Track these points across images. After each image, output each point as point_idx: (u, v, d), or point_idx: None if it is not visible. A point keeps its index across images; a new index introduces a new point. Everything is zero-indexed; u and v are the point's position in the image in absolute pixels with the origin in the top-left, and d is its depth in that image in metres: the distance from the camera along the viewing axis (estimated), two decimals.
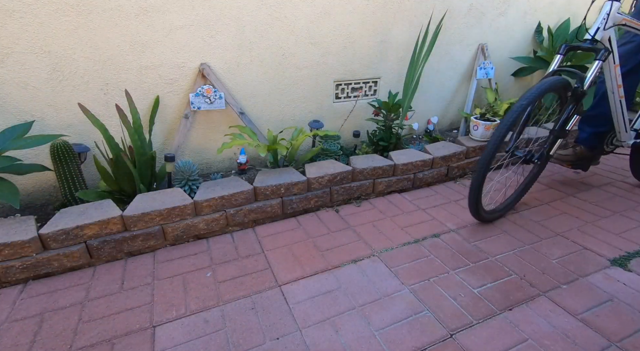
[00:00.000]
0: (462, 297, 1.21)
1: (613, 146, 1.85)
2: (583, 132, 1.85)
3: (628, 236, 1.54)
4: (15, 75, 1.42)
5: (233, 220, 1.56)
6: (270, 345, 1.03)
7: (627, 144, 1.78)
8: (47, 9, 1.39)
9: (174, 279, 1.29)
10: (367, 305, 1.17)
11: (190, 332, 1.08)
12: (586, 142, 1.85)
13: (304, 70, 1.94)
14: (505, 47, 2.57)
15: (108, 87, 1.58)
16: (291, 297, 1.21)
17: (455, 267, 1.35)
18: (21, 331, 1.08)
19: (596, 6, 2.52)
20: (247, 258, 1.41)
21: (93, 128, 1.59)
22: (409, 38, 2.16)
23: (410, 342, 1.04)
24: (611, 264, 1.37)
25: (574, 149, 1.87)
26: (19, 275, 1.25)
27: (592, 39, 1.37)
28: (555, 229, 1.60)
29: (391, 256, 1.41)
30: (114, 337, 1.06)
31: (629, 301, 1.19)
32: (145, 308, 1.16)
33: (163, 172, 1.66)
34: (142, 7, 1.52)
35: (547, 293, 1.23)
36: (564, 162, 1.88)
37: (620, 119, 1.66)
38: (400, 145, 2.12)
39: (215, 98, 1.72)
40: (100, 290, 1.24)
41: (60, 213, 1.35)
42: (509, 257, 1.41)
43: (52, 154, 1.42)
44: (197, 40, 1.66)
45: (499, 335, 1.07)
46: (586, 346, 1.03)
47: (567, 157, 1.88)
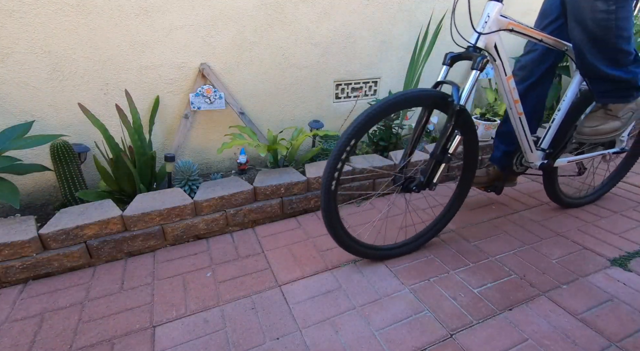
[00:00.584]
0: (462, 297, 1.21)
1: (523, 166, 1.61)
2: (496, 151, 1.63)
3: (628, 236, 1.54)
4: (15, 75, 1.42)
5: (233, 220, 1.56)
6: (270, 345, 1.03)
7: (535, 165, 1.53)
8: (47, 9, 1.39)
9: (174, 279, 1.29)
10: (367, 305, 1.17)
11: (190, 332, 1.08)
12: (498, 162, 1.63)
13: (304, 70, 1.94)
14: (505, 47, 2.57)
15: (108, 87, 1.58)
16: (291, 297, 1.21)
17: (455, 267, 1.35)
18: (21, 331, 1.08)
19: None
20: (247, 258, 1.41)
21: (93, 128, 1.59)
22: (409, 38, 2.16)
23: (410, 342, 1.04)
24: (611, 264, 1.37)
25: (487, 170, 1.67)
26: (19, 275, 1.25)
27: (474, 46, 1.17)
28: (555, 229, 1.60)
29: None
30: (114, 337, 1.06)
31: (629, 301, 1.19)
32: (145, 308, 1.16)
33: (163, 173, 1.66)
34: (142, 7, 1.52)
35: (547, 293, 1.23)
36: (475, 184, 1.66)
37: (522, 138, 1.42)
38: (400, 145, 2.12)
39: (215, 98, 1.72)
40: (100, 290, 1.24)
41: (60, 213, 1.35)
42: (509, 257, 1.41)
43: (52, 154, 1.42)
44: (197, 40, 1.66)
45: (499, 335, 1.07)
46: (586, 346, 1.03)
47: (479, 179, 1.66)
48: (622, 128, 1.34)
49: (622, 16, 1.09)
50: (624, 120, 1.33)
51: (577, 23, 1.17)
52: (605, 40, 1.15)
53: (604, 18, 1.10)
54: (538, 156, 1.53)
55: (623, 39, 1.15)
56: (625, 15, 1.10)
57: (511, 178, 1.70)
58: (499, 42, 1.20)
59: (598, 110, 1.35)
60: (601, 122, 1.33)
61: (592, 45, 1.18)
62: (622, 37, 1.14)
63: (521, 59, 1.50)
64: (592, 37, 1.16)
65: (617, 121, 1.33)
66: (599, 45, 1.17)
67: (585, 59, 1.23)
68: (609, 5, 1.08)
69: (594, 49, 1.19)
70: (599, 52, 1.19)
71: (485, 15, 1.15)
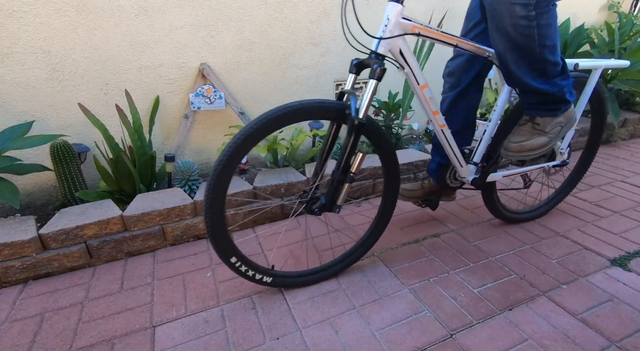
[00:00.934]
0: (462, 297, 1.21)
1: (457, 181, 1.46)
2: (432, 162, 1.50)
3: (628, 236, 1.54)
4: (15, 75, 1.42)
5: (233, 220, 1.56)
6: (270, 345, 1.03)
7: (467, 180, 1.40)
8: (47, 9, 1.39)
9: (174, 279, 1.29)
10: (367, 305, 1.17)
11: (190, 332, 1.08)
12: (433, 174, 1.49)
13: (304, 70, 1.94)
14: None
15: (108, 87, 1.58)
16: (291, 297, 1.21)
17: (455, 267, 1.35)
18: (21, 331, 1.08)
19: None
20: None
21: (93, 128, 1.59)
22: (409, 38, 2.15)
23: (410, 342, 1.04)
24: (611, 264, 1.37)
25: (422, 183, 1.53)
26: (19, 275, 1.25)
27: (374, 53, 1.03)
28: (555, 229, 1.60)
29: (391, 256, 1.41)
30: (114, 337, 1.06)
31: (629, 301, 1.19)
32: (145, 308, 1.16)
33: (163, 173, 1.66)
34: (142, 7, 1.52)
35: (547, 293, 1.23)
36: (408, 198, 1.52)
37: (449, 151, 1.30)
38: (400, 145, 2.12)
39: (215, 98, 1.72)
40: (100, 290, 1.24)
41: (60, 213, 1.35)
42: (509, 257, 1.41)
43: (52, 154, 1.42)
44: (197, 40, 1.66)
45: (499, 335, 1.07)
46: (586, 346, 1.03)
47: (413, 193, 1.51)
48: (550, 144, 1.22)
49: (543, 23, 0.99)
50: (551, 135, 1.22)
51: (496, 29, 1.06)
52: (528, 49, 1.04)
53: (525, 25, 0.99)
54: (470, 170, 1.40)
55: (547, 49, 1.04)
56: (547, 22, 1.00)
57: (448, 192, 1.55)
58: (405, 47, 1.08)
59: (526, 123, 1.24)
60: (527, 137, 1.21)
61: (515, 54, 1.07)
62: (546, 46, 1.03)
63: (449, 65, 1.37)
64: (514, 45, 1.05)
65: (544, 137, 1.21)
66: (522, 54, 1.06)
67: (509, 68, 1.12)
68: (529, 10, 0.97)
69: (516, 58, 1.08)
70: (523, 62, 1.08)
71: (384, 18, 1.02)
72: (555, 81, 1.12)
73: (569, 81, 1.16)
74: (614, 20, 2.97)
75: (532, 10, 0.97)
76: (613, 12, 2.94)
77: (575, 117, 1.26)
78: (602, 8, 2.92)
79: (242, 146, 0.98)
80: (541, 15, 0.98)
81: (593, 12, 2.90)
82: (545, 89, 1.12)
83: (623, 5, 3.00)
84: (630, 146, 2.65)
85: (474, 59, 1.29)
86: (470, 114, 1.40)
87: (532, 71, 1.10)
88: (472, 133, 1.45)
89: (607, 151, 2.55)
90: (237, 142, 0.97)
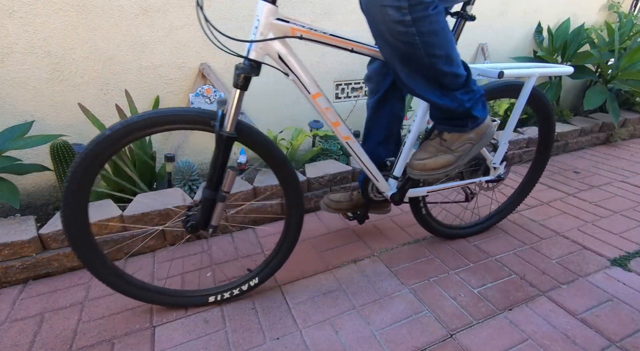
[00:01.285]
0: (462, 297, 1.21)
1: (380, 195, 1.33)
2: (361, 173, 1.33)
3: (628, 236, 1.54)
4: (15, 75, 1.42)
5: (233, 220, 1.56)
6: (270, 345, 1.03)
7: (387, 195, 1.28)
8: (47, 9, 1.39)
9: (174, 279, 1.29)
10: (367, 305, 1.17)
11: (190, 332, 1.08)
12: (360, 186, 1.36)
13: None
14: (505, 47, 2.57)
15: (108, 87, 1.58)
16: (291, 297, 1.21)
17: (455, 267, 1.35)
18: (21, 331, 1.08)
19: None
20: (247, 258, 1.41)
21: (93, 128, 1.59)
22: None
23: (410, 342, 1.04)
24: (611, 264, 1.37)
25: (351, 194, 1.42)
26: (19, 275, 1.25)
27: (246, 58, 0.91)
28: (555, 229, 1.60)
29: (391, 256, 1.41)
30: (114, 337, 1.06)
31: (629, 301, 1.19)
32: (145, 308, 1.16)
33: (163, 173, 1.66)
34: (142, 7, 1.52)
35: (547, 293, 1.23)
36: (335, 210, 1.41)
37: (361, 165, 1.18)
38: None
39: (215, 98, 1.72)
40: (100, 290, 1.24)
41: None
42: (509, 257, 1.41)
43: (52, 154, 1.42)
44: (197, 40, 1.66)
45: (499, 334, 1.07)
46: (586, 346, 1.03)
47: (340, 205, 1.40)
48: (456, 163, 1.10)
49: (425, 30, 0.85)
50: (458, 153, 1.09)
51: (377, 35, 0.92)
52: (415, 58, 0.91)
53: (402, 31, 0.85)
54: (390, 184, 1.27)
55: (438, 59, 0.91)
56: (430, 29, 0.86)
57: (379, 205, 1.41)
58: (286, 52, 0.94)
59: (435, 138, 1.12)
60: (432, 154, 1.09)
61: (403, 64, 0.94)
62: (436, 56, 0.90)
63: (368, 68, 1.26)
64: (399, 54, 0.92)
65: (450, 155, 1.08)
66: (411, 64, 0.93)
67: (401, 80, 0.99)
68: (403, 14, 0.83)
69: (405, 68, 0.95)
70: (414, 73, 0.95)
71: (255, 19, 0.90)
72: (455, 95, 0.99)
73: (475, 94, 1.02)
74: (614, 20, 2.97)
75: (407, 14, 0.83)
76: (613, 12, 2.94)
77: (490, 133, 1.11)
78: (602, 8, 2.92)
79: (95, 154, 0.87)
80: (420, 21, 0.84)
81: (593, 12, 2.90)
82: (443, 104, 1.00)
83: (623, 5, 2.99)
84: (630, 146, 2.66)
85: None
86: (393, 124, 1.28)
87: (426, 83, 0.97)
88: (397, 144, 1.32)
89: (607, 151, 2.55)
90: (86, 152, 0.86)
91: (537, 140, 1.54)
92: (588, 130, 2.56)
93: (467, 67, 1.00)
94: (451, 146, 1.09)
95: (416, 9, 0.83)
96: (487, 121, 1.10)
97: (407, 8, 0.82)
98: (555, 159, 2.40)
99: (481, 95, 1.05)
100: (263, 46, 0.91)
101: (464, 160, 1.11)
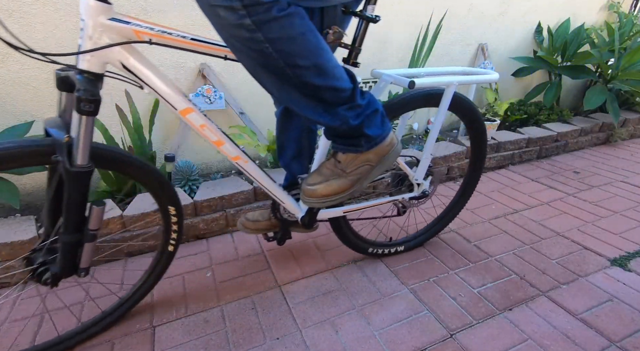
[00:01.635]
0: (462, 297, 1.21)
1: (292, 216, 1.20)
2: None
3: (628, 236, 1.54)
4: (15, 75, 1.42)
5: (233, 220, 1.56)
6: (270, 345, 1.03)
7: (297, 217, 1.17)
8: (47, 8, 1.39)
9: (174, 280, 1.29)
10: (367, 305, 1.17)
11: (190, 332, 1.08)
12: (271, 206, 1.24)
13: None
14: (505, 47, 2.57)
15: (108, 87, 1.58)
16: (291, 297, 1.21)
17: (455, 267, 1.35)
18: (21, 331, 1.08)
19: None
20: (247, 257, 1.41)
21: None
22: (409, 38, 2.16)
23: (411, 342, 1.04)
24: (611, 264, 1.37)
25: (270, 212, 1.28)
26: (19, 275, 1.25)
27: (78, 70, 0.72)
28: (555, 229, 1.60)
29: (391, 256, 1.41)
30: (114, 337, 1.06)
31: (629, 301, 1.19)
32: (145, 308, 1.16)
33: (163, 173, 1.66)
34: (142, 7, 1.52)
35: (547, 293, 1.23)
36: (254, 230, 1.27)
37: (263, 188, 1.06)
38: None
39: (215, 98, 1.72)
40: (100, 290, 1.24)
41: None
42: (509, 257, 1.41)
43: None
44: None
45: (499, 334, 1.07)
46: (586, 346, 1.03)
47: (257, 224, 1.26)
48: (352, 189, 0.96)
49: (275, 36, 0.69)
50: (353, 177, 0.95)
51: (226, 43, 0.76)
52: (275, 69, 0.74)
53: (248, 38, 0.69)
54: (301, 208, 1.15)
55: (305, 70, 0.74)
56: (282, 35, 0.69)
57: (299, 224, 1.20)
58: (134, 59, 0.76)
59: (330, 158, 0.98)
60: (324, 179, 0.95)
61: (265, 74, 0.78)
62: (300, 67, 0.74)
63: None
64: (257, 64, 0.76)
65: (344, 180, 0.94)
66: (273, 75, 0.77)
67: (273, 95, 0.87)
68: (241, 17, 0.66)
69: (269, 79, 0.79)
70: (286, 86, 0.79)
71: (80, 20, 0.70)
72: (337, 111, 0.83)
73: (366, 109, 0.87)
74: (614, 20, 2.97)
75: (245, 17, 0.66)
76: (613, 12, 2.94)
77: (394, 153, 0.97)
78: (602, 8, 2.92)
79: None
80: (265, 25, 0.67)
81: (593, 12, 2.90)
82: (324, 122, 0.85)
83: (623, 5, 2.99)
84: (630, 146, 2.66)
85: None
86: (304, 137, 1.13)
87: (303, 97, 0.81)
88: (310, 159, 1.16)
89: (607, 151, 2.55)
90: None
91: (470, 154, 1.39)
92: (588, 130, 2.57)
93: (353, 78, 0.85)
94: (346, 169, 0.94)
95: (255, 11, 0.66)
96: (390, 139, 0.95)
97: (243, 9, 0.65)
98: (555, 159, 2.40)
99: (375, 110, 0.89)
100: (97, 54, 0.72)
101: (363, 184, 0.97)
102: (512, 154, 2.26)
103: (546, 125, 2.49)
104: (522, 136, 2.26)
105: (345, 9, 0.85)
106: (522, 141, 2.25)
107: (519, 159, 2.31)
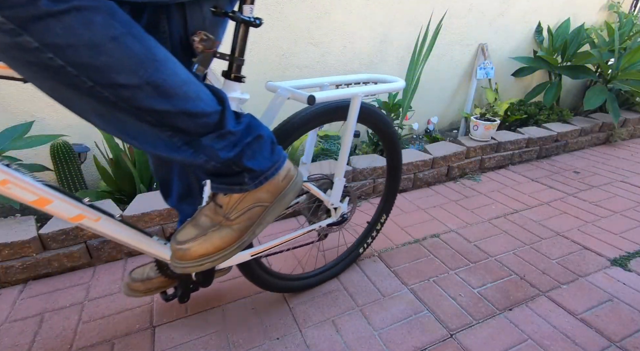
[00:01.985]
0: (462, 297, 1.21)
1: None
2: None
3: (628, 236, 1.54)
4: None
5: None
6: (270, 345, 1.03)
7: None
8: None
9: None
10: (367, 305, 1.17)
11: (190, 332, 1.08)
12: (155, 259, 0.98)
13: (304, 70, 1.94)
14: (505, 47, 2.57)
15: None
16: (291, 297, 1.21)
17: (455, 267, 1.35)
18: (21, 331, 1.08)
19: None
20: None
21: (93, 128, 1.59)
22: (409, 38, 2.16)
23: (411, 342, 1.04)
24: (611, 264, 1.37)
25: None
26: (19, 275, 1.25)
27: None
28: (555, 229, 1.60)
29: (391, 256, 1.41)
30: (114, 337, 1.06)
31: (629, 301, 1.19)
32: (145, 308, 1.16)
33: None
34: None
35: (547, 293, 1.23)
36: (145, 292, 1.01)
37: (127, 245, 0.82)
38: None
39: None
40: (100, 290, 1.24)
41: None
42: (509, 257, 1.41)
43: (52, 154, 1.42)
44: None
45: (499, 334, 1.07)
46: (586, 346, 1.03)
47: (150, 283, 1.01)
48: (240, 241, 0.75)
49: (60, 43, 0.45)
50: (242, 225, 0.74)
51: None
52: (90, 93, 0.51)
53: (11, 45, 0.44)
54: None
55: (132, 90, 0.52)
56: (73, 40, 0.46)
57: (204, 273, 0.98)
58: None
59: (209, 202, 0.77)
60: (199, 232, 0.73)
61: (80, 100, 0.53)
62: (122, 86, 0.51)
63: None
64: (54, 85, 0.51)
65: (228, 230, 0.74)
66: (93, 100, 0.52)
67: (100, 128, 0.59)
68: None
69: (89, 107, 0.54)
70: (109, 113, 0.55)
71: None
72: (201, 143, 0.63)
73: (243, 137, 0.68)
74: (614, 20, 2.97)
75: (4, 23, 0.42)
76: (613, 12, 2.94)
77: (294, 187, 0.79)
78: (602, 8, 2.92)
79: None
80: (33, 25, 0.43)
81: (593, 12, 2.90)
82: (185, 159, 0.64)
83: (623, 5, 3.00)
84: (630, 146, 2.66)
85: None
86: (190, 170, 0.90)
87: (141, 128, 0.58)
88: (200, 189, 0.93)
89: (607, 151, 2.55)
90: None
91: (386, 171, 1.29)
92: (588, 130, 2.57)
93: (222, 98, 0.65)
94: (229, 215, 0.73)
95: (11, 3, 0.41)
96: (285, 171, 0.76)
97: None
98: (555, 159, 2.40)
99: (257, 136, 0.70)
100: None
101: (256, 231, 0.77)
102: (512, 154, 2.26)
103: (546, 125, 2.49)
104: (522, 136, 2.27)
105: (215, 9, 0.66)
106: (522, 141, 2.25)
107: (519, 159, 2.31)
